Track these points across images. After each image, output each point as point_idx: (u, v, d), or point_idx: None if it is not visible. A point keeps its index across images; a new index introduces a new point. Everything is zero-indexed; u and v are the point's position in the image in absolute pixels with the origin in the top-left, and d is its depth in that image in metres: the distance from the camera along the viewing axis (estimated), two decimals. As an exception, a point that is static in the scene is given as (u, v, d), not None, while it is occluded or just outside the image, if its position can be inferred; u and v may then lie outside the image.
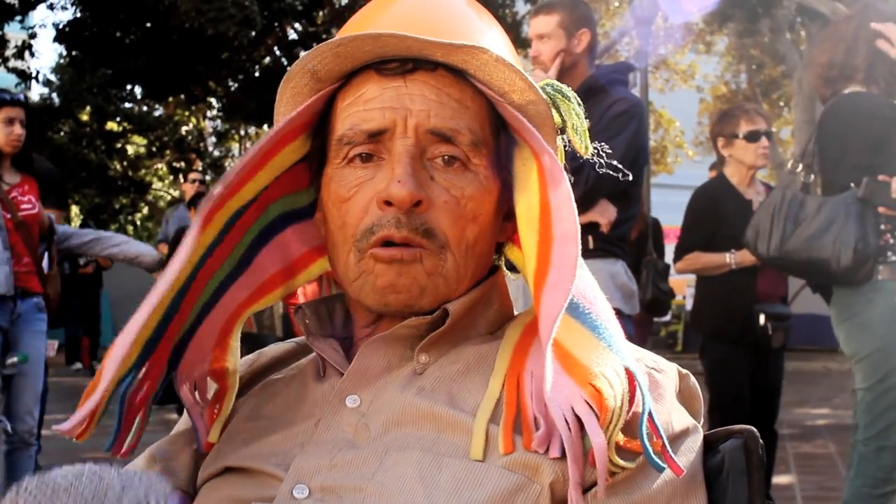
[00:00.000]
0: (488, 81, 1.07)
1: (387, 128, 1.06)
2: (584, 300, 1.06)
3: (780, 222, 3.36)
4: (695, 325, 4.95)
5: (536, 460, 0.96)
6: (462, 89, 1.08)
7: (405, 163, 1.04)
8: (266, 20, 14.09)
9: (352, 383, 1.07)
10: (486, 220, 1.09)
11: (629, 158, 3.47)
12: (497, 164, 1.10)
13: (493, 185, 1.09)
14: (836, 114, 3.36)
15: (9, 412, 4.22)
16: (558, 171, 1.05)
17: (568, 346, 1.01)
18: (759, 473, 1.04)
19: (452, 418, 1.00)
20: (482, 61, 1.05)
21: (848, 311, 3.33)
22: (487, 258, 1.14)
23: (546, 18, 3.63)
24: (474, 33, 1.10)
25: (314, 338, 1.14)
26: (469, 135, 1.07)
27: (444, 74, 1.07)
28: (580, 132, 1.12)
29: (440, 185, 1.06)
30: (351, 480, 0.98)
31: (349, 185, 1.08)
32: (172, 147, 22.19)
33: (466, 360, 1.07)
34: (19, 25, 15.33)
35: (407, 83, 1.06)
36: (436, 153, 1.07)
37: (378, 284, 1.06)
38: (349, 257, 1.08)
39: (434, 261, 1.05)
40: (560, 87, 1.12)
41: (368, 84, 1.08)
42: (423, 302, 1.07)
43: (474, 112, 1.08)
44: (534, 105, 1.09)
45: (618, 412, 0.94)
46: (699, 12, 16.69)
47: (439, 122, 1.06)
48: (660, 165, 23.16)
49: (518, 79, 1.06)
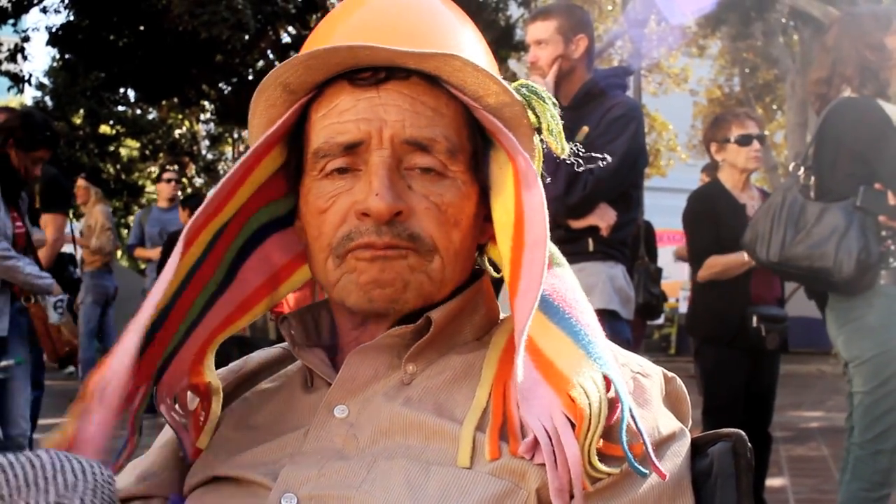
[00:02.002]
0: (462, 86, 1.07)
1: (362, 140, 1.05)
2: (565, 303, 1.06)
3: (780, 227, 3.36)
4: (689, 328, 4.96)
5: (523, 466, 0.96)
6: (436, 96, 1.07)
7: (382, 175, 1.04)
8: (259, 23, 14.07)
9: (339, 394, 1.07)
10: (468, 224, 1.09)
11: (629, 161, 3.49)
12: (474, 169, 1.10)
13: (471, 190, 1.10)
14: (831, 120, 3.36)
15: (2, 416, 4.21)
16: (532, 175, 1.05)
17: (549, 355, 1.01)
18: (747, 477, 1.05)
19: (440, 427, 1.00)
20: (454, 67, 1.04)
21: (848, 316, 3.33)
22: (470, 261, 1.14)
23: (544, 24, 3.64)
24: (446, 35, 1.09)
25: (300, 348, 1.14)
26: (445, 142, 1.06)
27: (417, 82, 1.07)
28: (555, 133, 1.11)
29: (419, 193, 1.06)
30: (339, 490, 0.98)
31: (326, 196, 1.07)
32: (166, 150, 22.14)
33: (453, 370, 1.07)
34: (12, 29, 15.28)
35: (380, 93, 1.06)
36: (412, 163, 1.06)
37: (361, 280, 1.05)
38: (327, 264, 1.08)
39: (419, 259, 1.06)
40: (535, 89, 1.12)
41: (342, 95, 1.07)
42: (407, 296, 1.06)
43: (449, 118, 1.08)
44: (509, 107, 1.09)
45: (595, 421, 0.94)
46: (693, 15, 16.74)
47: (415, 132, 1.05)
48: (653, 168, 23.18)
49: (491, 82, 1.06)
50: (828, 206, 3.28)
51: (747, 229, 3.57)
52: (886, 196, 3.22)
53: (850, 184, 3.26)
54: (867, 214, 3.21)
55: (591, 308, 1.09)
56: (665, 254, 12.65)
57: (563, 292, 1.08)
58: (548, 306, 1.06)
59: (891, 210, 3.21)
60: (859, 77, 3.33)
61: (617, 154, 3.39)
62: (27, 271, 4.18)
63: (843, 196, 3.27)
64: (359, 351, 1.09)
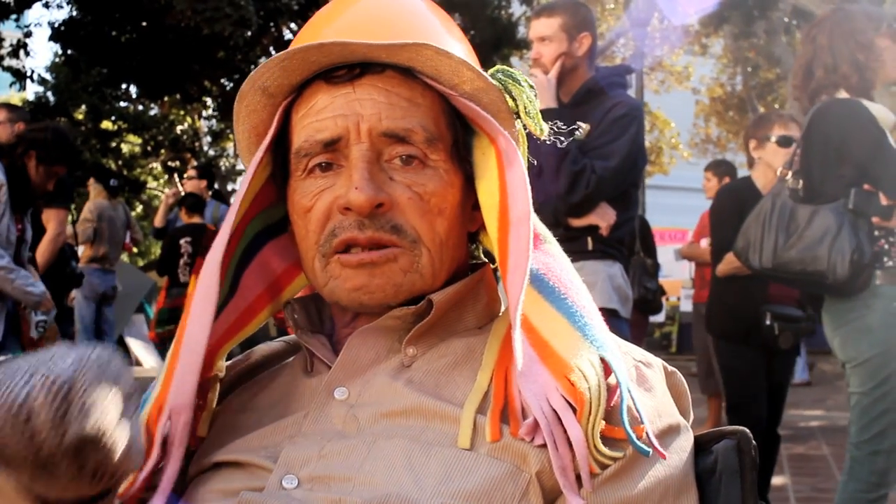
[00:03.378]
0: (436, 76, 1.08)
1: (340, 135, 1.07)
2: (560, 283, 1.07)
3: (771, 232, 3.34)
4: (707, 325, 4.94)
5: (523, 448, 0.96)
6: (411, 87, 1.08)
7: (361, 168, 1.05)
8: (262, 20, 14.07)
9: (340, 375, 1.08)
10: (453, 213, 1.10)
11: (630, 160, 3.49)
12: (457, 157, 1.11)
13: (454, 178, 1.10)
14: (819, 121, 3.33)
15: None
16: (513, 152, 1.06)
17: (544, 335, 1.02)
18: (751, 474, 1.05)
19: (440, 409, 1.01)
20: (426, 56, 1.05)
21: (844, 317, 3.31)
22: (461, 250, 1.14)
23: (548, 21, 3.63)
24: (419, 29, 1.10)
25: (303, 332, 1.15)
26: (423, 132, 1.07)
27: (392, 75, 1.08)
28: (533, 116, 1.12)
29: (401, 184, 1.07)
30: (340, 470, 0.99)
31: (310, 194, 1.08)
32: (167, 146, 22.14)
33: (454, 353, 1.08)
34: (14, 24, 15.29)
35: (355, 89, 1.07)
36: (393, 154, 1.07)
37: (347, 287, 1.06)
38: (314, 263, 1.09)
39: (409, 258, 1.06)
40: (510, 73, 1.13)
41: (319, 94, 1.09)
42: (398, 299, 1.07)
43: (426, 108, 1.09)
44: (485, 93, 1.10)
45: (595, 403, 0.95)
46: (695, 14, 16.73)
47: (391, 124, 1.06)
48: (655, 167, 23.18)
49: (465, 69, 1.06)
50: (818, 208, 3.26)
51: (738, 236, 3.55)
52: (878, 197, 3.20)
53: (840, 186, 3.24)
54: (859, 216, 3.20)
55: (586, 289, 1.09)
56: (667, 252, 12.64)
57: (559, 272, 1.08)
58: (542, 285, 1.07)
59: (883, 210, 3.19)
60: (856, 74, 3.31)
61: (619, 153, 3.40)
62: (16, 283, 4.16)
63: (833, 198, 3.24)
64: (360, 333, 1.10)
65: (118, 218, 9.08)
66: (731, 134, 22.72)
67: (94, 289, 8.58)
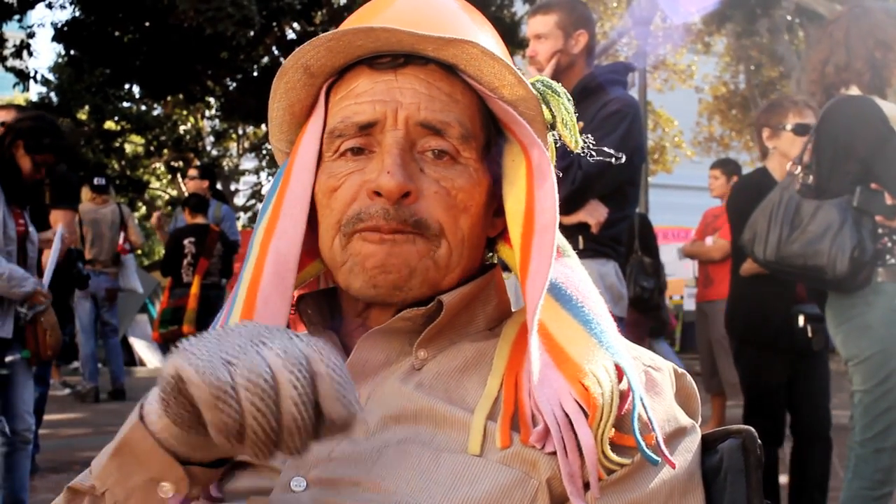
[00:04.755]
0: (478, 76, 1.08)
1: (377, 120, 1.07)
2: (578, 293, 1.07)
3: (776, 226, 3.32)
4: (728, 327, 4.74)
5: (534, 455, 0.96)
6: (452, 83, 1.09)
7: (395, 154, 1.05)
8: (264, 20, 14.07)
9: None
10: (477, 212, 1.10)
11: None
12: (487, 159, 1.11)
13: (482, 178, 1.10)
14: (830, 118, 3.32)
15: (8, 411, 4.21)
16: (546, 166, 1.07)
17: (560, 341, 1.02)
18: (757, 473, 1.05)
19: (450, 414, 1.01)
20: (471, 55, 1.05)
21: (846, 314, 3.31)
22: (479, 251, 1.14)
23: (544, 18, 3.61)
24: (466, 29, 1.11)
25: (315, 328, 1.15)
26: (459, 128, 1.07)
27: (434, 69, 1.08)
28: (570, 127, 1.13)
29: (430, 176, 1.07)
30: (348, 473, 0.98)
31: (339, 174, 1.08)
32: (170, 146, 22.16)
33: (465, 358, 1.08)
34: (17, 24, 15.31)
35: (398, 77, 1.08)
36: (426, 146, 1.07)
37: (367, 265, 1.06)
38: (335, 242, 1.08)
39: (427, 245, 1.06)
40: (550, 84, 1.13)
41: (360, 78, 1.09)
42: (412, 283, 1.06)
43: (464, 106, 1.09)
44: (524, 101, 1.10)
45: (607, 409, 0.95)
46: (698, 13, 16.71)
47: (429, 115, 1.06)
48: (658, 165, 23.16)
49: (508, 73, 1.07)
50: (822, 203, 3.25)
51: (746, 228, 3.52)
52: (883, 196, 3.19)
53: (846, 182, 3.23)
54: (863, 214, 3.18)
55: (602, 300, 1.09)
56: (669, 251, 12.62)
57: (576, 283, 1.09)
58: (560, 294, 1.07)
59: (887, 210, 3.18)
60: (870, 72, 3.29)
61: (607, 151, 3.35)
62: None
63: (838, 194, 3.23)
64: (370, 335, 1.09)
65: (104, 219, 9.01)
66: (734, 132, 22.71)
67: (88, 289, 8.57)
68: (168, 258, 8.82)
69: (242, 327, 0.82)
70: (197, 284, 8.43)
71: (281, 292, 1.07)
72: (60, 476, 5.73)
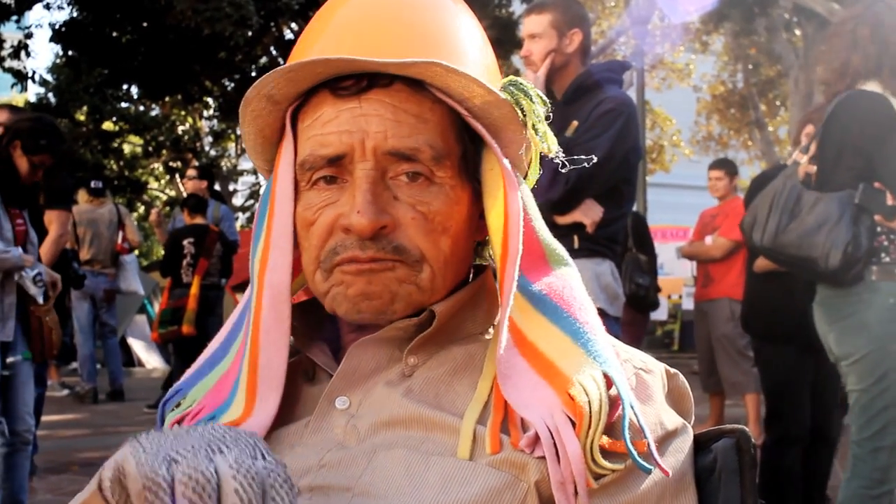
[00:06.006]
0: (447, 89, 1.06)
1: (345, 153, 1.05)
2: (562, 301, 1.06)
3: (776, 213, 3.30)
4: (745, 325, 4.72)
5: (523, 459, 0.96)
6: (420, 101, 1.06)
7: (365, 189, 1.03)
8: (262, 20, 14.07)
9: (341, 385, 1.08)
10: (458, 229, 1.08)
11: (616, 156, 3.42)
12: (465, 171, 1.10)
13: (461, 195, 1.09)
14: (841, 110, 3.30)
15: (8, 412, 4.21)
16: (512, 183, 1.06)
17: (548, 355, 1.02)
18: (751, 473, 1.05)
19: (440, 419, 1.01)
20: (435, 72, 1.03)
21: (840, 312, 3.29)
22: (465, 263, 1.14)
23: (538, 18, 3.60)
24: (429, 37, 1.08)
25: (303, 341, 1.15)
26: (429, 150, 1.05)
27: (400, 88, 1.05)
28: (541, 133, 1.10)
29: (405, 203, 1.05)
30: (339, 480, 0.99)
31: (314, 208, 1.07)
32: (169, 147, 22.14)
33: (455, 361, 1.08)
34: (15, 25, 15.28)
35: (362, 104, 1.04)
36: (398, 171, 1.05)
37: (349, 294, 1.06)
38: (316, 276, 1.09)
39: (408, 271, 1.05)
40: (523, 86, 1.10)
41: (324, 106, 1.06)
42: (395, 307, 1.06)
43: (434, 124, 1.06)
44: (496, 107, 1.08)
45: (595, 418, 0.95)
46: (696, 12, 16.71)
47: (397, 143, 1.04)
48: (656, 164, 23.17)
49: (475, 85, 1.04)
50: (822, 195, 3.23)
51: (747, 213, 3.50)
52: (885, 196, 3.18)
53: (849, 178, 3.22)
54: (863, 212, 3.18)
55: (592, 304, 1.09)
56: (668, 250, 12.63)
57: (560, 290, 1.08)
58: (545, 306, 1.06)
59: (887, 210, 3.17)
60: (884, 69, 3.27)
61: (602, 149, 3.30)
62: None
63: (840, 187, 3.22)
64: (361, 343, 1.09)
65: (101, 219, 9.03)
66: (732, 131, 22.72)
67: (86, 290, 8.58)
68: (167, 259, 8.81)
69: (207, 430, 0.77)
70: (196, 285, 8.42)
71: (279, 324, 1.08)
72: (59, 477, 5.71)
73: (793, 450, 4.33)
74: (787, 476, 4.31)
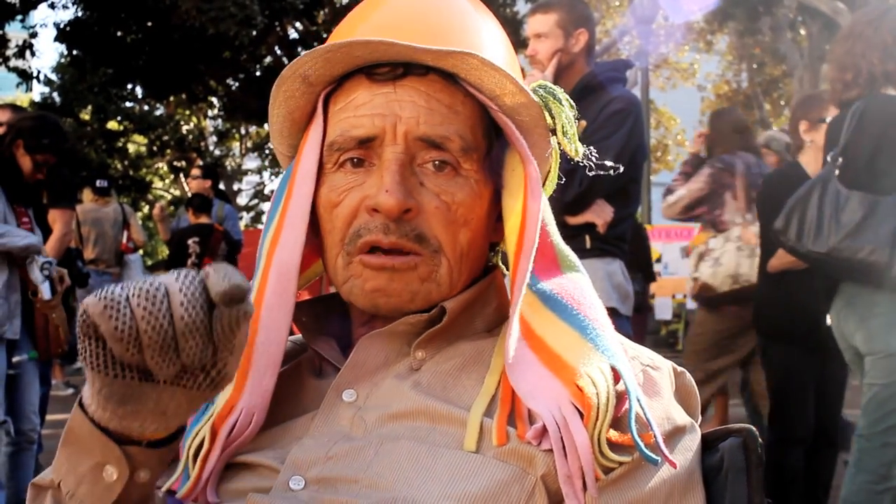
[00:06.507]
0: (479, 85, 1.07)
1: (376, 135, 1.06)
2: (572, 300, 1.07)
3: (824, 218, 3.23)
4: (755, 324, 4.65)
5: (530, 451, 0.97)
6: (453, 94, 1.08)
7: (394, 171, 1.04)
8: (267, 19, 14.08)
9: (349, 377, 1.09)
10: (478, 224, 1.10)
11: (626, 156, 3.43)
12: (489, 168, 1.11)
13: (484, 190, 1.10)
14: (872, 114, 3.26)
15: (14, 411, 4.21)
16: (537, 186, 1.07)
17: (556, 349, 1.02)
18: (758, 472, 1.05)
19: (447, 412, 1.01)
20: (471, 66, 1.04)
21: (873, 310, 3.26)
22: (481, 261, 1.15)
23: (544, 17, 3.60)
24: (467, 33, 1.10)
25: (311, 336, 1.15)
26: (459, 141, 1.07)
27: (434, 79, 1.07)
28: (570, 136, 1.12)
29: (430, 190, 1.06)
30: (346, 472, 0.99)
31: (339, 189, 1.08)
32: (173, 146, 22.18)
33: (463, 356, 1.08)
34: (20, 25, 15.33)
35: (396, 89, 1.06)
36: (426, 158, 1.07)
37: (366, 288, 1.07)
38: (337, 260, 1.09)
39: (428, 267, 1.06)
40: (553, 90, 1.12)
41: (359, 89, 1.08)
42: (413, 305, 1.08)
43: (465, 117, 1.08)
44: (525, 108, 1.09)
45: (603, 410, 0.95)
46: (700, 11, 16.70)
47: (429, 129, 1.06)
48: (660, 163, 23.16)
49: (508, 82, 1.06)
50: (878, 199, 3.17)
51: (780, 218, 3.40)
52: None
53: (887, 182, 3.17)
54: None
55: (602, 305, 1.10)
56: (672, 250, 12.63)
57: (571, 291, 1.09)
58: (555, 304, 1.07)
59: None
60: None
61: (613, 149, 3.32)
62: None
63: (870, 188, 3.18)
64: (370, 336, 1.10)
65: (106, 218, 9.03)
66: (736, 131, 22.67)
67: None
68: (172, 258, 8.80)
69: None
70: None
71: (283, 302, 1.08)
72: (64, 476, 5.72)
73: (796, 449, 4.32)
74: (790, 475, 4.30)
